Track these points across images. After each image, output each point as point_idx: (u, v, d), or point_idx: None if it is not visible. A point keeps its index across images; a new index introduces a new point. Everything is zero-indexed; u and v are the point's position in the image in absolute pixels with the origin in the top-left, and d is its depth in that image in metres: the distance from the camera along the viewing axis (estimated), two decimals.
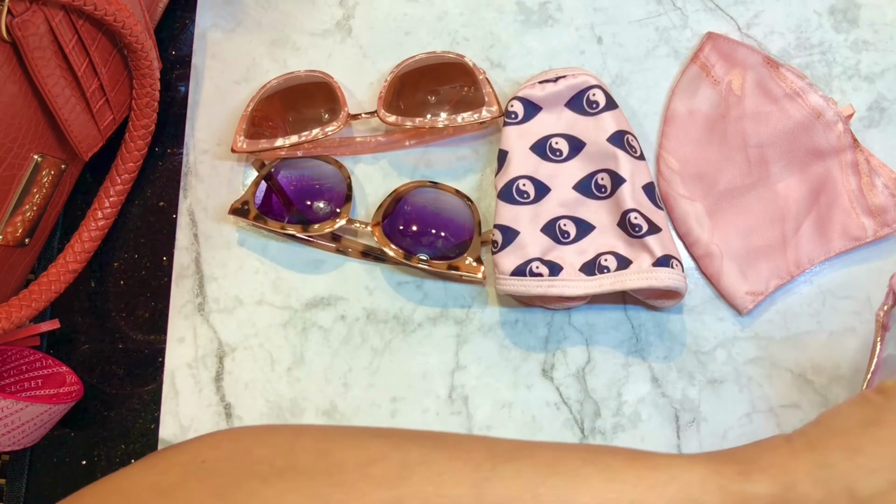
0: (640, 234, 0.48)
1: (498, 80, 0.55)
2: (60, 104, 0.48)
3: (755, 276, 0.50)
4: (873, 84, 0.53)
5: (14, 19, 0.43)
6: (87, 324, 0.55)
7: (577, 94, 0.52)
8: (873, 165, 0.50)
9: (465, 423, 0.51)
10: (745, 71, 0.52)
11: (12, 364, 0.53)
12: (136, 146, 0.54)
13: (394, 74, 0.54)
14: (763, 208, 0.51)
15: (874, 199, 0.50)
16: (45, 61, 0.45)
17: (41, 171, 0.50)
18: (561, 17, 0.56)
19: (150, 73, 0.51)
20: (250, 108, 0.54)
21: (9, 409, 0.47)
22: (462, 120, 0.52)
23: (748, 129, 0.51)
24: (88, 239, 0.54)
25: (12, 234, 0.51)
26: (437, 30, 0.57)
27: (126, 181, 0.55)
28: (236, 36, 0.58)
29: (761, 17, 0.55)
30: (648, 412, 0.50)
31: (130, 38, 0.48)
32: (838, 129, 0.50)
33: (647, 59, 0.55)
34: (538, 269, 0.49)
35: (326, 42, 0.57)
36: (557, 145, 0.52)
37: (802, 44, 0.54)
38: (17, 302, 0.51)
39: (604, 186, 0.51)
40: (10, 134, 0.47)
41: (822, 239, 0.50)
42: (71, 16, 0.46)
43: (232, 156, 0.56)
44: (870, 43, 0.54)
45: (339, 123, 0.53)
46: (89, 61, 0.49)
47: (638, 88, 0.55)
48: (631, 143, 0.51)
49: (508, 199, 0.51)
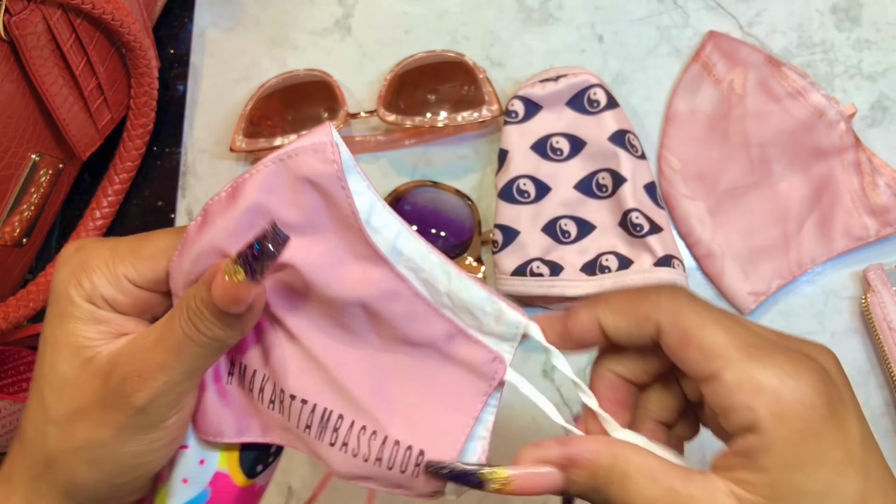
0: (642, 234, 0.48)
1: (498, 79, 0.55)
2: (58, 103, 0.48)
3: (757, 276, 0.50)
4: (875, 83, 0.53)
5: (12, 18, 0.43)
6: None
7: (577, 93, 0.51)
8: (875, 165, 0.50)
9: None
10: (746, 70, 0.52)
11: (11, 364, 0.53)
12: (135, 145, 0.54)
13: (393, 73, 0.54)
14: (765, 208, 0.51)
15: (876, 198, 0.50)
16: (42, 60, 0.45)
17: (39, 171, 0.50)
18: (562, 15, 0.56)
19: (149, 71, 0.51)
20: (249, 107, 0.54)
21: (7, 410, 0.47)
22: (462, 119, 0.52)
23: (750, 129, 0.51)
24: None
25: (10, 233, 0.50)
26: (437, 28, 0.56)
27: (124, 180, 0.54)
28: (235, 35, 0.58)
29: (763, 16, 0.55)
30: None
31: (128, 36, 0.48)
32: (840, 128, 0.50)
33: (648, 57, 0.55)
34: (539, 269, 0.49)
35: (326, 41, 0.57)
36: (558, 144, 0.51)
37: (804, 43, 0.54)
38: (15, 302, 0.50)
39: (605, 186, 0.50)
40: (8, 133, 0.46)
41: (824, 239, 0.50)
42: (69, 14, 0.45)
43: (230, 155, 0.56)
44: (872, 42, 0.54)
45: (339, 122, 0.52)
46: (87, 60, 0.48)
47: (639, 87, 0.55)
48: (632, 143, 0.50)
49: (509, 199, 0.51)
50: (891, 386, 0.48)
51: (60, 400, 0.30)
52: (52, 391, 0.30)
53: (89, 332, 0.30)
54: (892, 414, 0.49)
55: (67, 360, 0.30)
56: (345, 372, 0.30)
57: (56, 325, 0.31)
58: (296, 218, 0.28)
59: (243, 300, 0.27)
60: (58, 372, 0.30)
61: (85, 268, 0.30)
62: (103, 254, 0.31)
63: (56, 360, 0.30)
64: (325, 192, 0.28)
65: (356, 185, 0.28)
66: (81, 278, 0.30)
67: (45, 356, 0.31)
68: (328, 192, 0.28)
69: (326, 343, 0.30)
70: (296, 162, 0.28)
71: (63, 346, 0.30)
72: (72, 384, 0.30)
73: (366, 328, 0.30)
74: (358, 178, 0.29)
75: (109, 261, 0.30)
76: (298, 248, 0.28)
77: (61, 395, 0.30)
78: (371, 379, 0.30)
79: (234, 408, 0.32)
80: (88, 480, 0.30)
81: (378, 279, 0.29)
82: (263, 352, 0.32)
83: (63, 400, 0.30)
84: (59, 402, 0.30)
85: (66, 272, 0.31)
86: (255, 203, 0.28)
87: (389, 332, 0.30)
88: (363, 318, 0.30)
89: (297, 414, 0.31)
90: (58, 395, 0.30)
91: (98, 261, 0.30)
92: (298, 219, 0.28)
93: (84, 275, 0.30)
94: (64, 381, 0.30)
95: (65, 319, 0.30)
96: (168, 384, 0.29)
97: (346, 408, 0.30)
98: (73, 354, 0.30)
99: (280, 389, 0.31)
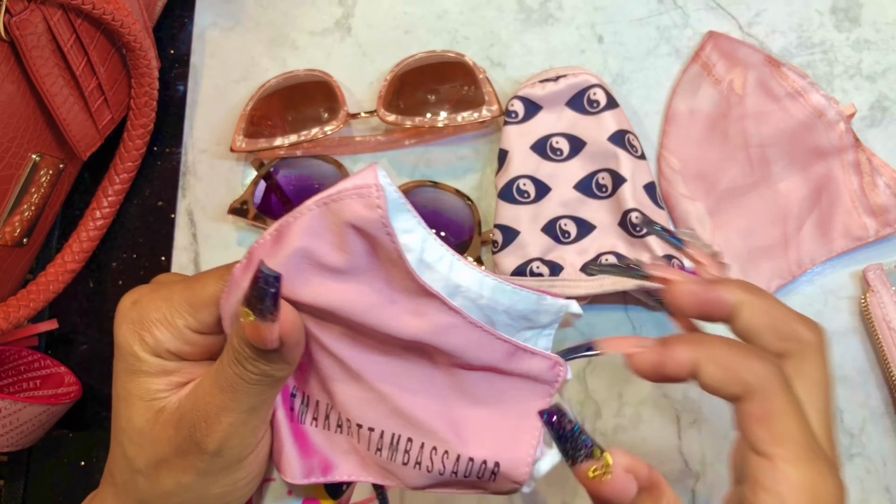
0: (642, 234, 0.48)
1: (498, 80, 0.55)
2: (59, 103, 0.48)
3: (757, 276, 0.50)
4: (875, 83, 0.53)
5: (12, 18, 0.43)
6: (85, 324, 0.55)
7: (577, 93, 0.51)
8: (875, 165, 0.50)
9: None
10: (746, 70, 0.52)
11: (11, 364, 0.53)
12: (135, 145, 0.54)
13: (393, 73, 0.54)
14: (764, 208, 0.51)
15: (876, 198, 0.50)
16: (43, 60, 0.45)
17: (39, 171, 0.50)
18: (562, 15, 0.56)
19: (149, 72, 0.51)
20: (249, 107, 0.54)
21: (7, 410, 0.47)
22: (462, 119, 0.52)
23: (749, 129, 0.51)
24: (87, 239, 0.53)
25: (10, 234, 0.50)
26: (437, 28, 0.57)
27: (124, 181, 0.54)
28: (235, 35, 0.58)
29: (763, 16, 0.55)
30: (650, 413, 0.50)
31: (129, 37, 0.48)
32: (840, 128, 0.50)
33: (648, 58, 0.55)
34: (539, 269, 0.49)
35: (326, 41, 0.57)
36: (558, 145, 0.52)
37: (804, 43, 0.54)
38: (16, 302, 0.50)
39: (605, 186, 0.50)
40: (8, 133, 0.46)
41: (823, 239, 0.50)
42: (69, 15, 0.45)
43: (231, 155, 0.56)
44: (871, 42, 0.54)
45: (339, 123, 0.52)
46: (87, 60, 0.48)
47: (639, 87, 0.55)
48: (632, 143, 0.50)
49: (509, 199, 0.51)
50: (890, 386, 0.48)
51: (141, 452, 0.31)
52: (132, 444, 0.32)
53: (159, 384, 0.31)
54: (891, 414, 0.49)
55: (141, 414, 0.31)
56: (407, 399, 0.31)
57: (127, 380, 0.32)
58: (342, 262, 0.28)
59: (268, 338, 0.28)
60: (134, 426, 0.31)
61: (144, 323, 0.31)
62: (160, 307, 0.31)
63: (131, 414, 0.31)
64: (370, 237, 0.28)
65: (405, 224, 0.28)
66: (144, 335, 0.31)
67: (120, 410, 0.32)
68: (373, 236, 0.28)
69: (385, 372, 0.31)
70: (339, 207, 0.27)
71: (135, 399, 0.31)
72: (148, 436, 0.31)
73: (424, 357, 0.31)
74: (407, 217, 0.28)
75: (167, 314, 0.31)
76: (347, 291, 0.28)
77: (141, 448, 0.31)
78: (434, 403, 0.31)
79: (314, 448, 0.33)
80: None
81: (431, 314, 0.29)
82: (323, 384, 0.32)
83: (144, 452, 0.31)
84: (140, 453, 0.31)
85: (127, 329, 0.31)
86: (300, 248, 0.28)
87: (448, 359, 0.30)
88: (419, 349, 0.30)
89: (367, 439, 0.32)
90: (137, 448, 0.31)
91: (156, 314, 0.31)
92: (344, 262, 0.28)
93: (146, 331, 0.31)
94: (140, 434, 0.31)
95: (134, 375, 0.31)
96: (233, 425, 0.30)
97: (415, 432, 0.31)
98: (145, 408, 0.31)
99: (346, 419, 0.32)
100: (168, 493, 0.31)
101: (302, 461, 0.32)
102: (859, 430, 0.49)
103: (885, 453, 0.49)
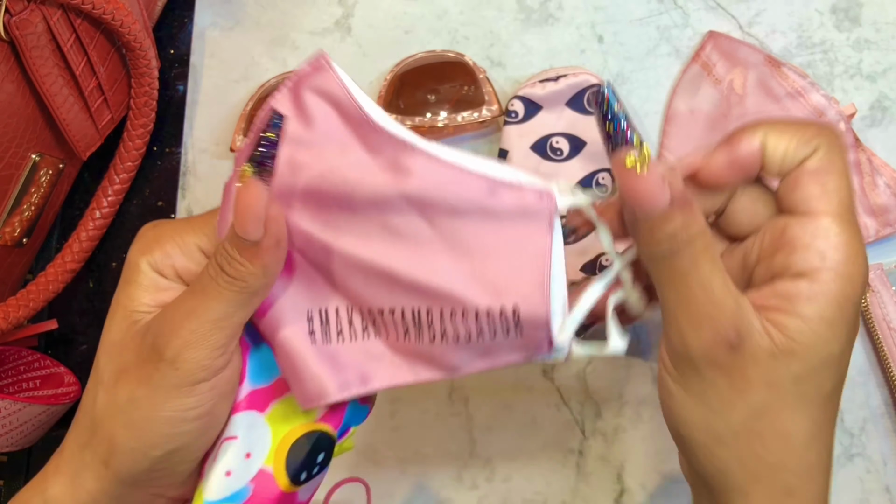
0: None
1: (498, 79, 0.55)
2: (58, 103, 0.48)
3: None
4: (875, 83, 0.53)
5: (12, 18, 0.43)
6: (85, 324, 0.55)
7: (577, 93, 0.51)
8: (875, 165, 0.50)
9: (465, 423, 0.51)
10: (746, 70, 0.52)
11: (10, 364, 0.53)
12: (135, 145, 0.54)
13: (393, 73, 0.54)
14: None
15: (876, 198, 0.50)
16: (42, 60, 0.45)
17: (39, 171, 0.50)
18: (562, 15, 0.56)
19: (149, 72, 0.51)
20: (249, 107, 0.54)
21: (7, 410, 0.47)
22: (462, 119, 0.52)
23: None
24: (86, 239, 0.53)
25: (10, 233, 0.50)
26: (437, 28, 0.57)
27: (124, 181, 0.54)
28: (235, 35, 0.58)
29: (763, 16, 0.55)
30: (650, 413, 0.50)
31: (129, 36, 0.48)
32: (840, 128, 0.50)
33: (648, 58, 0.55)
34: None
35: (326, 41, 0.57)
36: (558, 144, 0.52)
37: (804, 43, 0.54)
38: (15, 302, 0.50)
39: (605, 186, 0.50)
40: (8, 133, 0.46)
41: None
42: (69, 14, 0.45)
43: (230, 155, 0.56)
44: (872, 42, 0.54)
45: None
46: (87, 60, 0.48)
47: (639, 87, 0.55)
48: None
49: None
50: (890, 386, 0.48)
51: (109, 361, 0.32)
52: (104, 353, 0.32)
53: (145, 298, 0.31)
54: (892, 414, 0.49)
55: (118, 324, 0.32)
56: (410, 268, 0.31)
57: (119, 291, 0.32)
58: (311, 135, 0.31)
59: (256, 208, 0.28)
60: (109, 335, 0.32)
61: (159, 239, 0.32)
62: (178, 226, 0.32)
63: (111, 324, 0.32)
64: (329, 97, 0.30)
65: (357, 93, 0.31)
66: (154, 248, 0.32)
67: (106, 322, 0.32)
68: (335, 98, 0.30)
69: (381, 248, 0.31)
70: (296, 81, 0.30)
71: (119, 309, 0.32)
72: (118, 345, 0.31)
73: (413, 219, 0.31)
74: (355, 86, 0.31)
75: (183, 231, 0.32)
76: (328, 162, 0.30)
77: (110, 357, 0.32)
78: (436, 263, 0.31)
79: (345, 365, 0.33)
80: (125, 447, 0.31)
81: (405, 160, 0.30)
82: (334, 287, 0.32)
83: (111, 362, 0.31)
84: (107, 363, 0.32)
85: (141, 244, 0.32)
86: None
87: (435, 211, 0.31)
88: (406, 209, 0.31)
89: (393, 326, 0.32)
90: (107, 357, 0.32)
91: (171, 232, 0.32)
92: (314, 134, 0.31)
93: (157, 245, 0.32)
94: (112, 344, 0.32)
95: (127, 286, 0.32)
96: (195, 333, 0.30)
97: (429, 300, 0.31)
98: (124, 318, 0.32)
99: (367, 310, 0.32)
100: (120, 409, 0.31)
101: (335, 377, 0.32)
102: (859, 430, 0.49)
103: (885, 453, 0.49)
